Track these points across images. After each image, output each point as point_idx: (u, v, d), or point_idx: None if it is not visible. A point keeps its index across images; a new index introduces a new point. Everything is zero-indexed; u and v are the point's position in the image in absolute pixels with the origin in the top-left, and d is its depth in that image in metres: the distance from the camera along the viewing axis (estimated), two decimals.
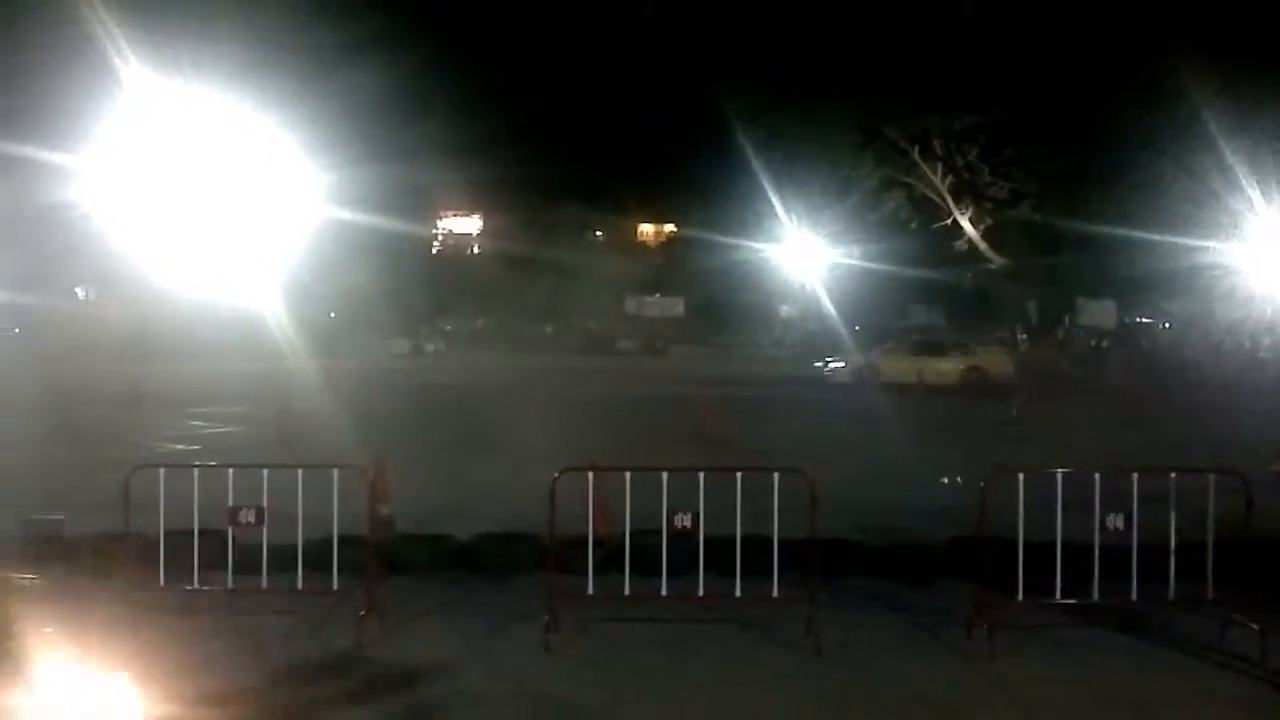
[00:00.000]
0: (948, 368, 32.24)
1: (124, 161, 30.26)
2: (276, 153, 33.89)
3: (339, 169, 37.71)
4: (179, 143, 31.44)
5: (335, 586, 8.02)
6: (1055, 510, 7.81)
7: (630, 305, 71.10)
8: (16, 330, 45.52)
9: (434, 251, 69.44)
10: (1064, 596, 7.81)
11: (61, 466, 14.68)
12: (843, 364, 33.22)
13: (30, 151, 28.22)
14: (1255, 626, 7.42)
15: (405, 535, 9.96)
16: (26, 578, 8.94)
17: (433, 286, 59.70)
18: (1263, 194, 29.64)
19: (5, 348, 39.43)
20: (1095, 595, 7.83)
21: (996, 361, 32.87)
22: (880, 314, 51.68)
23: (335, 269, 47.58)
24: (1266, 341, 37.75)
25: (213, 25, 29.57)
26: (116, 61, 25.51)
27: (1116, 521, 7.73)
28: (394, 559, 9.23)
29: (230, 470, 8.27)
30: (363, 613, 7.79)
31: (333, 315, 54.90)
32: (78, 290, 54.85)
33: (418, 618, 8.33)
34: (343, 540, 8.12)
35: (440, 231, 71.39)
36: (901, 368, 31.89)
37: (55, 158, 29.19)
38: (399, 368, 40.61)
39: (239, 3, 29.70)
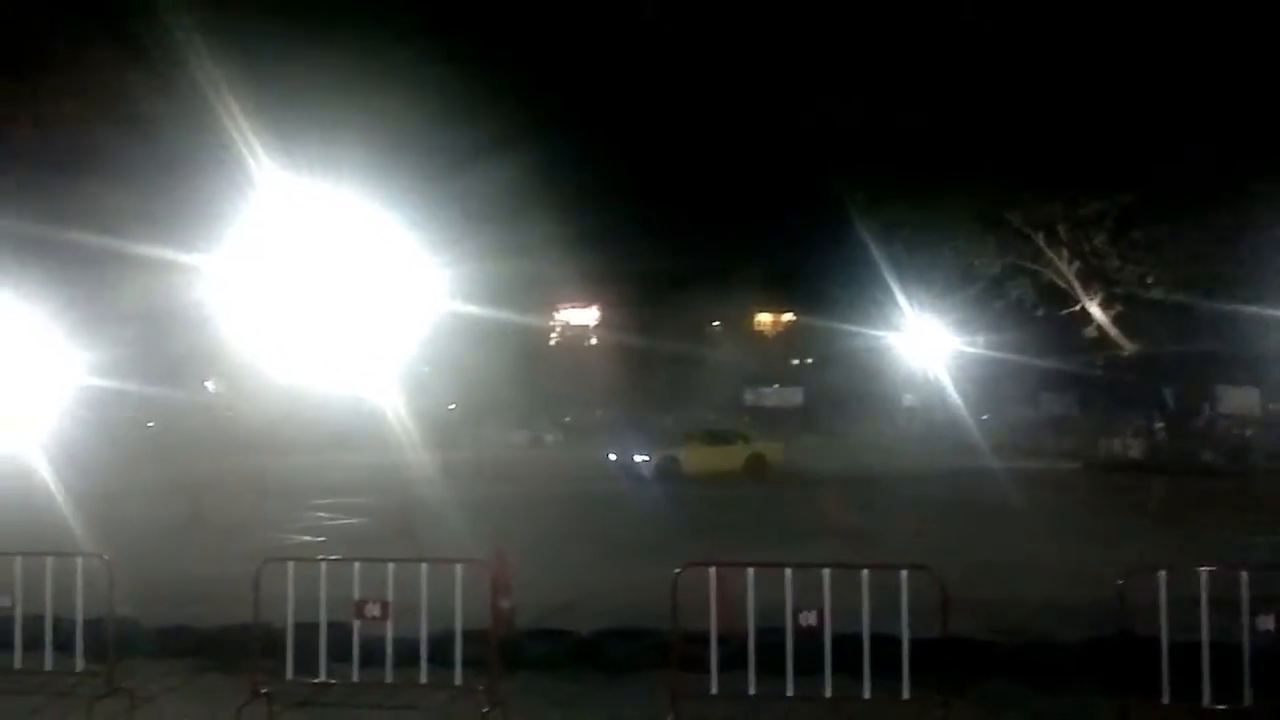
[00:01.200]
0: (734, 456, 34.32)
1: (253, 259, 31.48)
2: (399, 249, 34.94)
3: (458, 264, 38.64)
4: (306, 241, 32.66)
5: (458, 681, 8.00)
6: (1200, 610, 7.42)
7: (749, 396, 70.78)
8: (150, 424, 47.22)
9: (551, 343, 70.30)
10: (1214, 701, 7.38)
11: (194, 559, 15.05)
12: (647, 458, 33.89)
13: (163, 251, 29.52)
14: None
15: (527, 630, 9.91)
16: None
17: (551, 378, 60.33)
18: None
19: (139, 441, 40.90)
20: (1248, 700, 7.38)
21: (774, 450, 35.68)
22: (1007, 403, 50.52)
23: (454, 362, 48.51)
24: None
25: (340, 129, 30.71)
26: (250, 163, 26.67)
27: (1267, 623, 7.29)
28: (516, 654, 9.17)
29: (356, 564, 8.35)
30: (485, 710, 7.74)
31: (452, 407, 55.79)
32: (208, 384, 56.80)
33: (540, 715, 8.24)
34: (465, 634, 8.10)
35: (557, 323, 72.32)
36: (697, 457, 33.86)
37: (187, 257, 30.48)
38: (518, 459, 40.95)
39: (366, 108, 30.84)
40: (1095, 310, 37.04)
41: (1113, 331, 37.12)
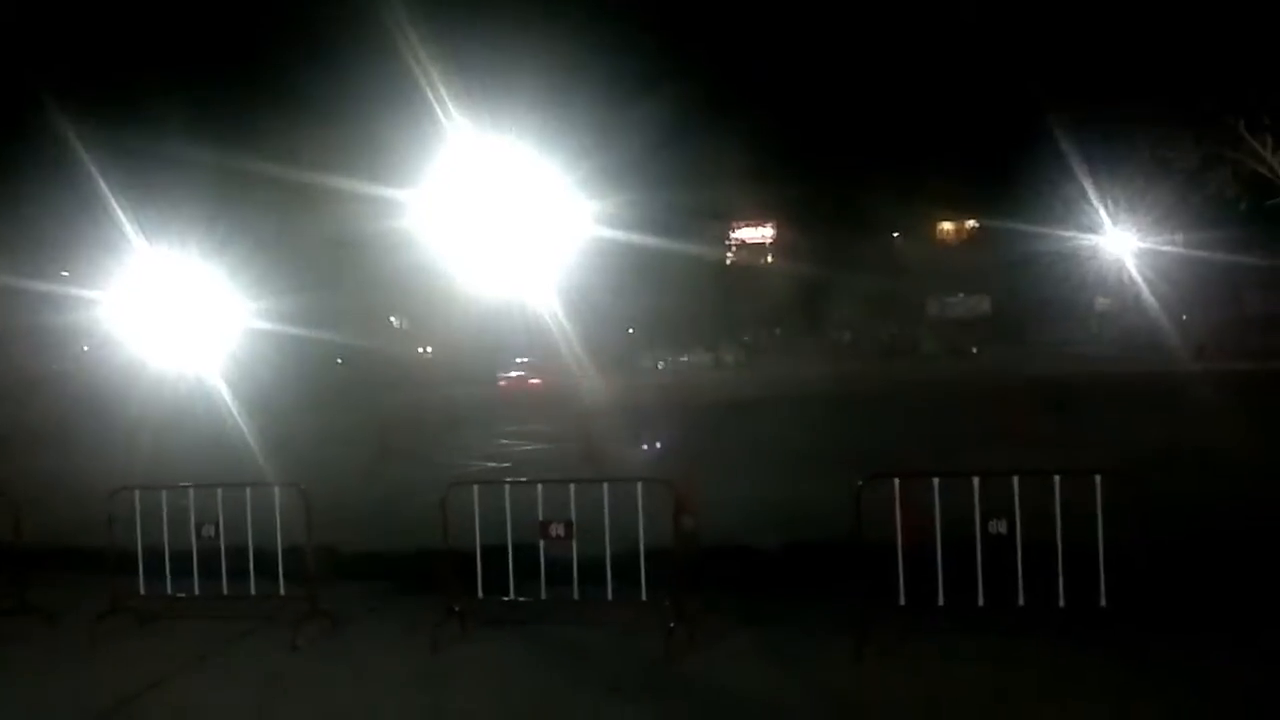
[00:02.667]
0: None
1: (435, 195, 32.22)
2: (573, 181, 35.23)
3: (634, 191, 38.73)
4: (488, 177, 33.24)
5: (644, 598, 8.10)
6: None
7: (933, 307, 69.13)
8: (339, 361, 49.05)
9: (728, 263, 69.93)
10: None
11: (384, 488, 15.63)
12: None
13: (354, 185, 30.51)
14: None
15: (711, 547, 9.94)
16: None
17: (728, 298, 60.15)
18: None
19: (331, 379, 42.56)
20: None
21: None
22: (1208, 304, 47.95)
23: (633, 287, 48.80)
24: None
25: (520, 71, 31.03)
26: (430, 100, 27.20)
27: None
28: (701, 571, 9.21)
29: (539, 485, 8.51)
30: (672, 624, 7.82)
31: (631, 331, 56.27)
32: (393, 320, 58.53)
33: (726, 630, 8.28)
34: (650, 553, 8.18)
35: (733, 243, 71.84)
36: None
37: (375, 191, 31.44)
38: (700, 381, 41.16)
39: (545, 49, 31.07)
40: None
41: None
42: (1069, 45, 33.42)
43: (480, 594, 8.50)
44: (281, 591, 8.95)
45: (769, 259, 72.59)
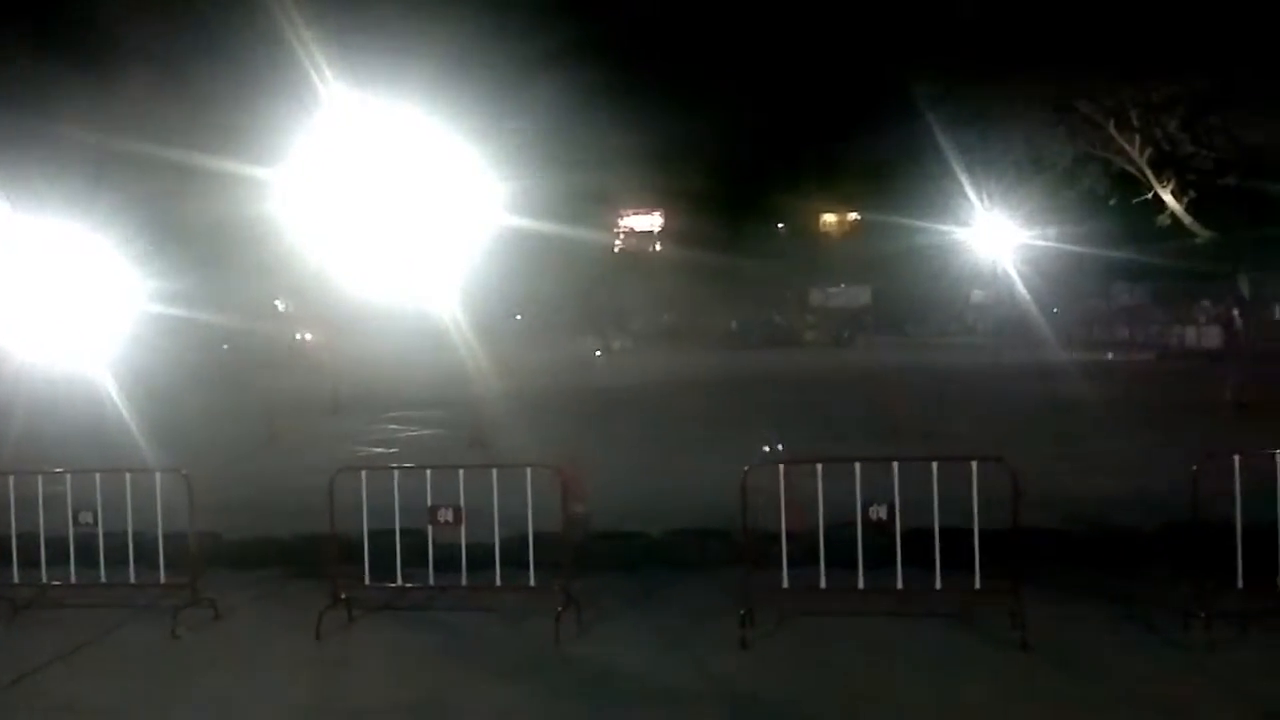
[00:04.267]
0: None
1: (316, 175, 31.59)
2: (464, 164, 34.90)
3: (521, 176, 38.53)
4: (369, 156, 32.71)
5: (532, 583, 8.15)
6: (1274, 495, 7.32)
7: (815, 296, 70.26)
8: (225, 346, 47.97)
9: (616, 251, 70.07)
10: None
11: (272, 474, 15.40)
12: None
13: (230, 166, 29.74)
14: None
15: (599, 532, 10.04)
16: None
17: (616, 285, 60.29)
18: None
19: (216, 364, 41.68)
20: None
21: None
22: (1079, 296, 49.65)
23: (520, 273, 48.54)
24: None
25: (403, 44, 30.56)
26: (312, 76, 26.66)
27: None
28: (589, 556, 9.30)
29: (428, 471, 8.49)
30: (560, 609, 7.89)
31: (518, 318, 56.01)
32: (277, 303, 57.38)
33: (614, 614, 8.39)
34: (538, 538, 8.23)
35: (621, 230, 71.98)
36: None
37: (253, 171, 30.68)
38: (586, 367, 41.24)
39: (429, 21, 30.63)
40: (1168, 198, 36.08)
41: (1186, 219, 36.18)
42: (947, 43, 34.24)
43: (367, 580, 8.46)
44: (162, 579, 8.78)
45: (657, 247, 72.94)
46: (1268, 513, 7.36)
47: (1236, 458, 7.41)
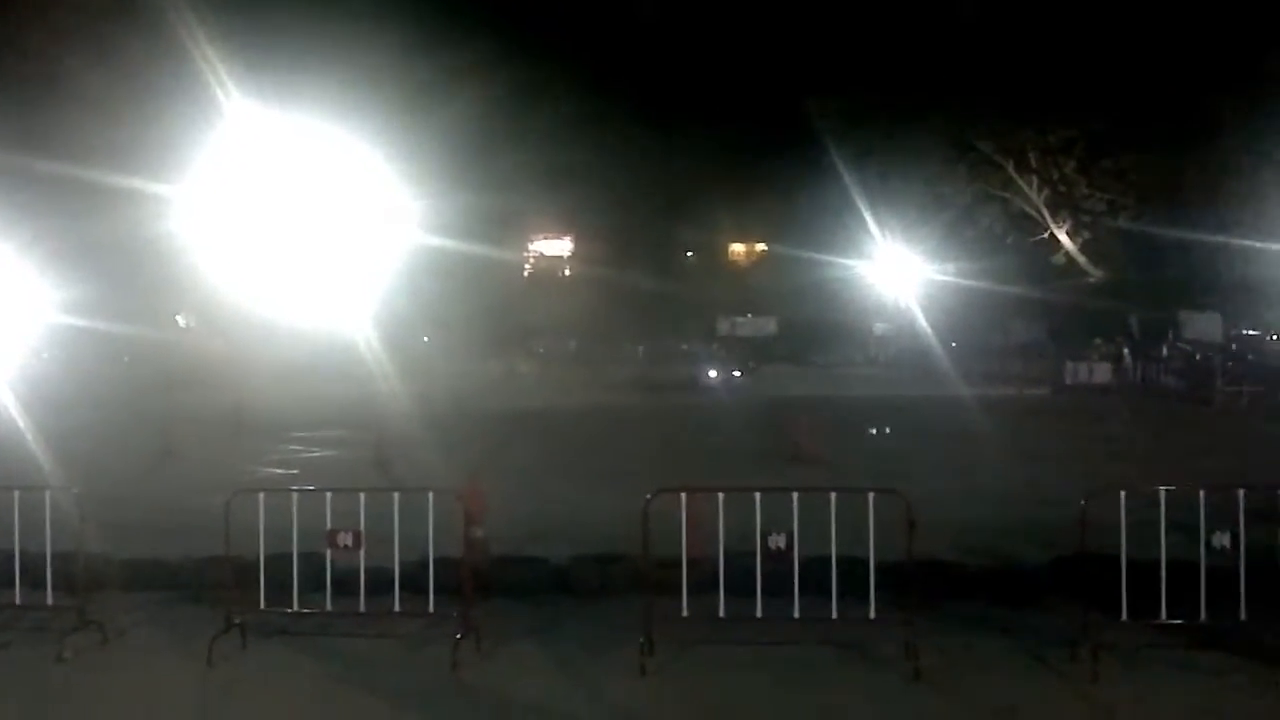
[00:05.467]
0: None
1: (223, 191, 31.11)
2: (373, 182, 34.62)
3: (433, 197, 38.35)
4: (277, 171, 32.28)
5: (431, 609, 8.09)
6: (1159, 529, 7.61)
7: (722, 326, 70.86)
8: (126, 359, 46.84)
9: (525, 274, 70.00)
10: (1170, 617, 7.59)
11: (166, 492, 15.06)
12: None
13: (133, 183, 29.11)
14: None
15: (500, 558, 10.00)
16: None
17: (525, 309, 60.21)
18: None
19: (115, 377, 40.65)
20: (1203, 616, 7.58)
21: None
22: (977, 331, 50.81)
23: (428, 294, 48.27)
24: None
25: (311, 60, 30.29)
26: (219, 94, 26.30)
27: (1223, 540, 7.49)
28: (489, 582, 9.25)
29: (328, 494, 8.38)
30: (459, 635, 7.84)
31: (426, 340, 55.60)
32: (179, 319, 56.30)
33: (513, 640, 8.35)
34: (438, 563, 8.17)
35: (531, 255, 71.95)
36: None
37: (157, 188, 30.07)
38: (492, 390, 41.03)
39: (337, 37, 30.38)
40: (1063, 237, 37.30)
41: (1080, 259, 37.43)
42: (850, 82, 34.99)
43: (262, 605, 8.31)
44: (49, 600, 8.53)
45: (567, 272, 73.04)
46: (1154, 546, 7.62)
47: (1123, 493, 7.65)
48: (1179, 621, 7.60)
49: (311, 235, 35.19)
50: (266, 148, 30.82)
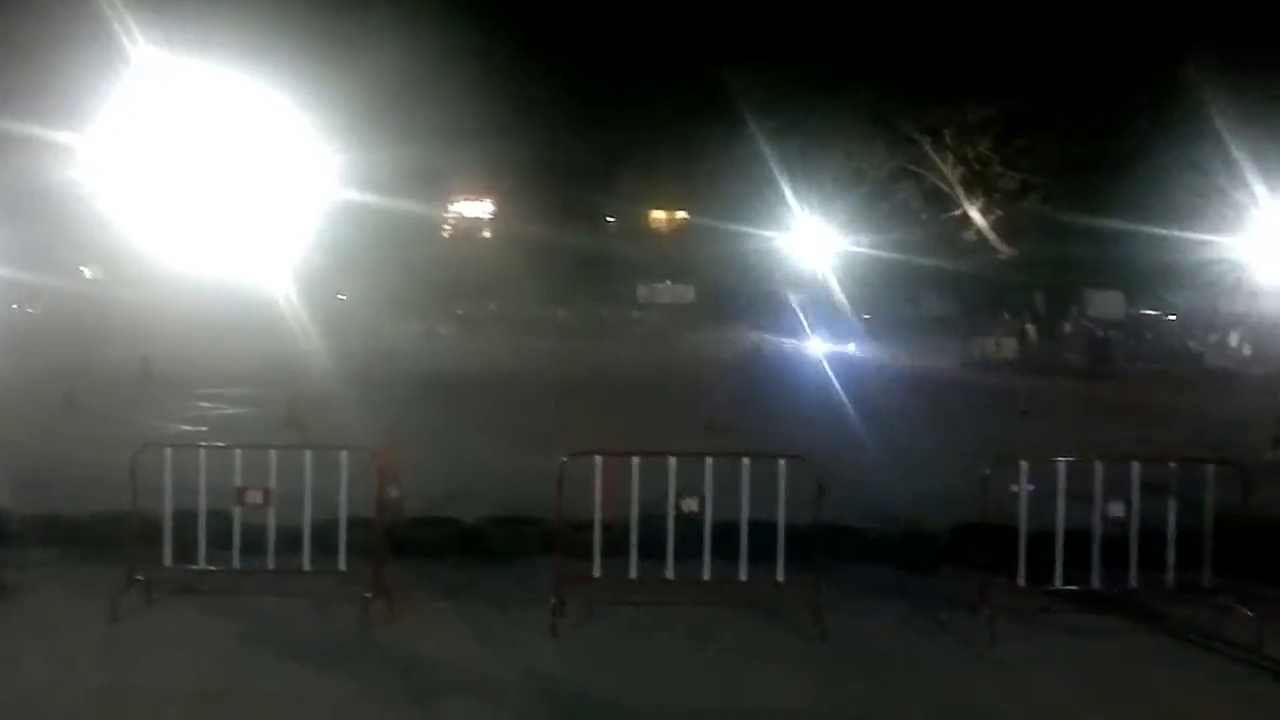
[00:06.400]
0: None
1: (132, 140, 30.29)
2: (289, 135, 33.93)
3: (351, 152, 37.75)
4: (190, 123, 31.47)
5: (342, 568, 8.06)
6: (1057, 498, 7.86)
7: (642, 292, 70.91)
8: (30, 310, 45.58)
9: (445, 235, 69.26)
10: (1065, 583, 7.86)
11: (69, 446, 14.75)
12: None
13: (37, 130, 28.24)
14: (1250, 614, 7.48)
15: (413, 518, 9.99)
16: None
17: (444, 270, 59.61)
18: (1268, 189, 29.72)
19: (18, 327, 39.56)
20: (1096, 582, 7.87)
21: None
22: (890, 303, 51.53)
23: (346, 251, 47.56)
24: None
25: (224, 6, 29.53)
26: (125, 41, 25.56)
27: (1116, 510, 7.78)
28: (401, 542, 9.23)
29: (238, 451, 8.27)
30: (368, 595, 7.82)
31: (342, 298, 54.88)
32: (84, 270, 54.90)
33: (424, 601, 8.36)
34: (351, 523, 8.13)
35: (451, 215, 71.19)
36: None
37: (61, 136, 29.21)
38: (410, 351, 40.65)
39: None
40: (975, 214, 37.96)
41: (991, 236, 38.12)
42: (770, 55, 35.14)
43: (168, 562, 8.20)
44: None
45: (487, 234, 72.43)
46: (1052, 515, 7.88)
47: (1023, 462, 7.89)
48: (1073, 587, 7.88)
49: (224, 187, 34.40)
50: (177, 96, 29.99)
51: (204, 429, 18.10)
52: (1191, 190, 30.95)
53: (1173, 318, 46.60)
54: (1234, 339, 37.77)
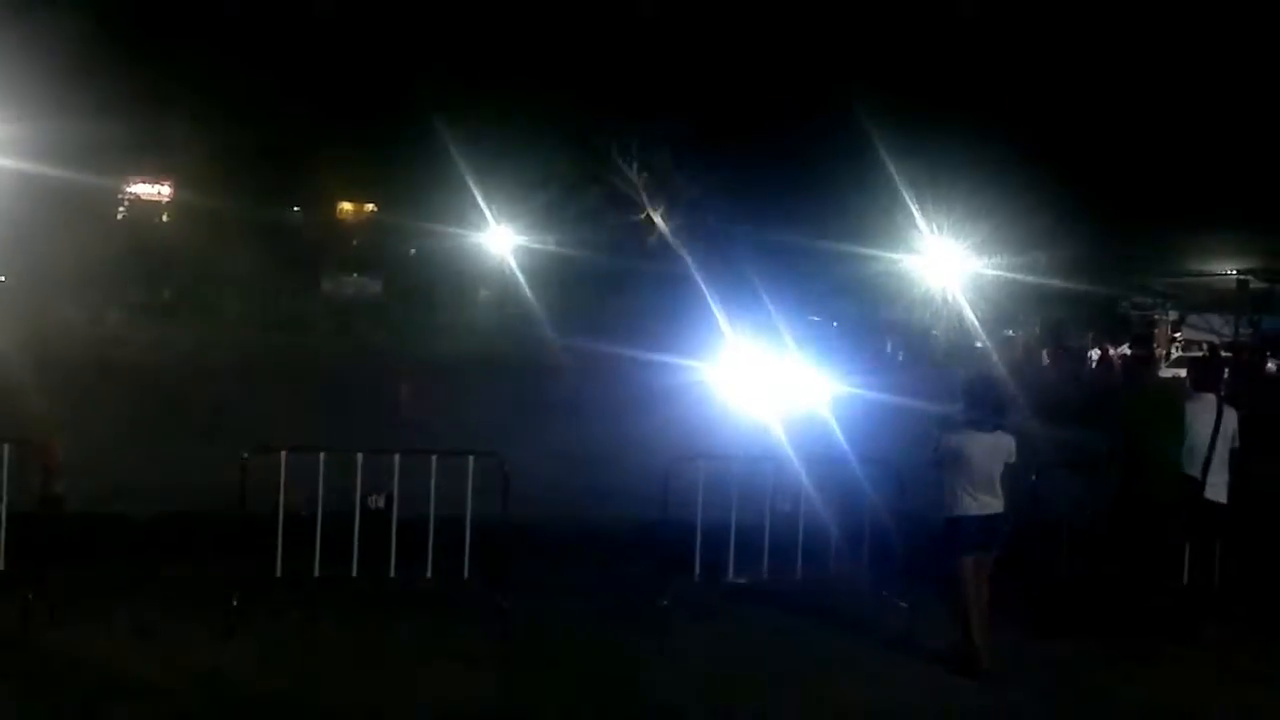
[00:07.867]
0: None
1: None
2: None
3: (17, 120, 34.82)
4: None
5: (1, 567, 7.57)
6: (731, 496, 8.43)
7: (327, 284, 69.15)
8: None
9: (119, 217, 64.93)
10: (737, 576, 8.45)
11: None
12: None
13: None
14: (904, 605, 8.28)
15: (79, 515, 9.43)
16: None
17: (117, 254, 55.87)
18: (924, 212, 32.79)
19: None
20: (765, 575, 8.52)
21: None
22: (577, 303, 52.62)
23: (4, 228, 43.70)
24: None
25: None
26: None
27: (785, 506, 8.48)
28: (67, 540, 8.71)
29: None
30: (30, 596, 7.38)
31: (3, 280, 50.61)
32: None
33: (90, 601, 7.96)
34: (10, 519, 7.66)
35: (127, 197, 66.84)
36: None
37: None
38: (76, 338, 37.90)
39: None
40: (658, 220, 39.84)
41: (673, 241, 40.04)
42: (464, 55, 35.38)
43: None
44: None
45: (165, 218, 68.45)
46: (726, 512, 8.44)
47: (700, 462, 8.44)
48: (743, 581, 8.49)
49: None
50: None
51: None
52: (859, 210, 33.65)
53: (836, 324, 50.07)
54: (889, 346, 41.46)
